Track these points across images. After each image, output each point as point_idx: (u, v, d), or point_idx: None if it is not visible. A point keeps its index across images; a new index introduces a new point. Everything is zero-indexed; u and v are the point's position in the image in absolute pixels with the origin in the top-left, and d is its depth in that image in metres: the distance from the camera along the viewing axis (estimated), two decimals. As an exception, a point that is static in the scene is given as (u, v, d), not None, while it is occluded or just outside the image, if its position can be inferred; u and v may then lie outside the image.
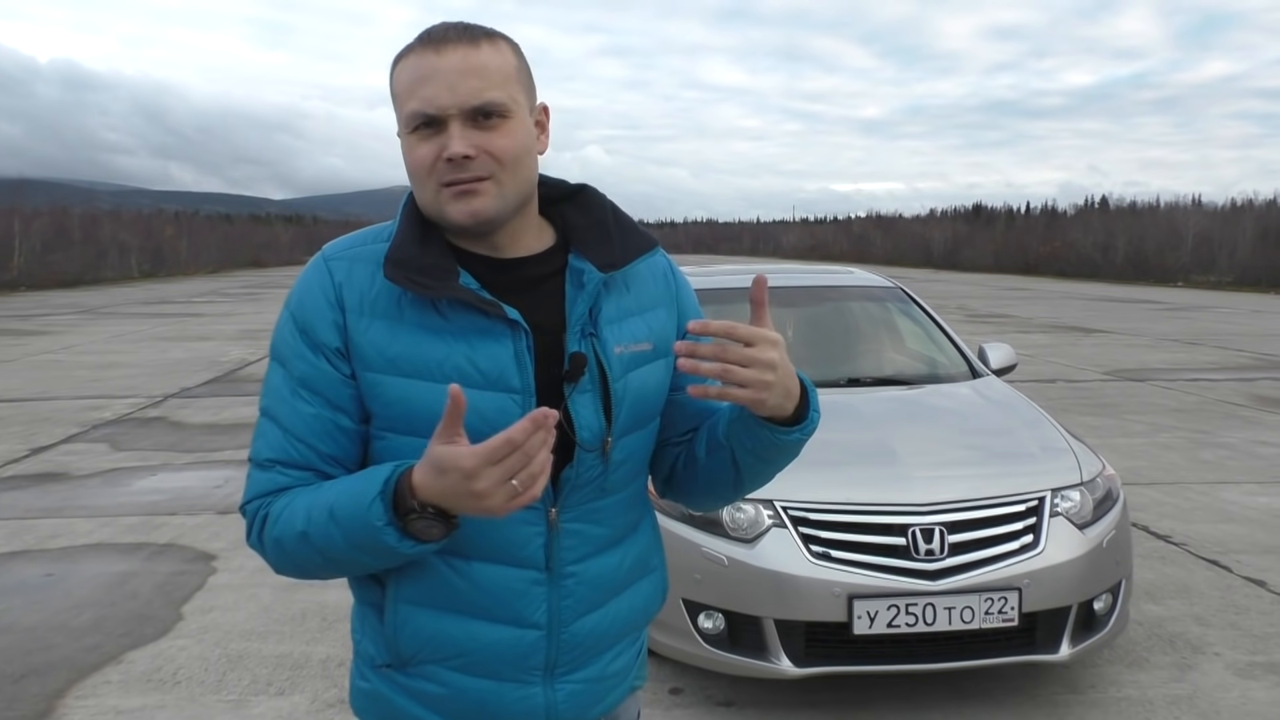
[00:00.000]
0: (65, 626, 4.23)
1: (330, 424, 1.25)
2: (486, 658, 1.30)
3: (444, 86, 1.21)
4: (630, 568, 1.40)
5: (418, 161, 1.24)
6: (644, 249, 1.38)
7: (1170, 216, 47.44)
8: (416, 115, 1.22)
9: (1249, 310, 23.81)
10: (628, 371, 1.32)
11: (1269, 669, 3.76)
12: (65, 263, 36.91)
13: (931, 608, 3.11)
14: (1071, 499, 3.41)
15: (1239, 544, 5.32)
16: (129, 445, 7.98)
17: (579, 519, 1.31)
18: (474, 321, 1.24)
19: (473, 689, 1.31)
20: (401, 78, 1.25)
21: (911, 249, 67.39)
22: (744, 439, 1.32)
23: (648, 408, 1.37)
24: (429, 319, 1.25)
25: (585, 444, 1.28)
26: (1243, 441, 8.03)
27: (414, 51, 1.24)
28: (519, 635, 1.30)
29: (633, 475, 1.38)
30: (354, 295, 1.26)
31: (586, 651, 1.36)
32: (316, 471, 1.25)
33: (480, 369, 1.24)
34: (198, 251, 53.56)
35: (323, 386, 1.25)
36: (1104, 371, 12.24)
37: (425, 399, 1.23)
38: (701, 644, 3.31)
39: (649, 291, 1.40)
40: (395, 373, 1.24)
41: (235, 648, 4.00)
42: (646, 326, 1.37)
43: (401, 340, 1.24)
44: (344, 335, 1.25)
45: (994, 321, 20.07)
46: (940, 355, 4.89)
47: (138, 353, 14.42)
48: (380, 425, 1.27)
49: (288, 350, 1.27)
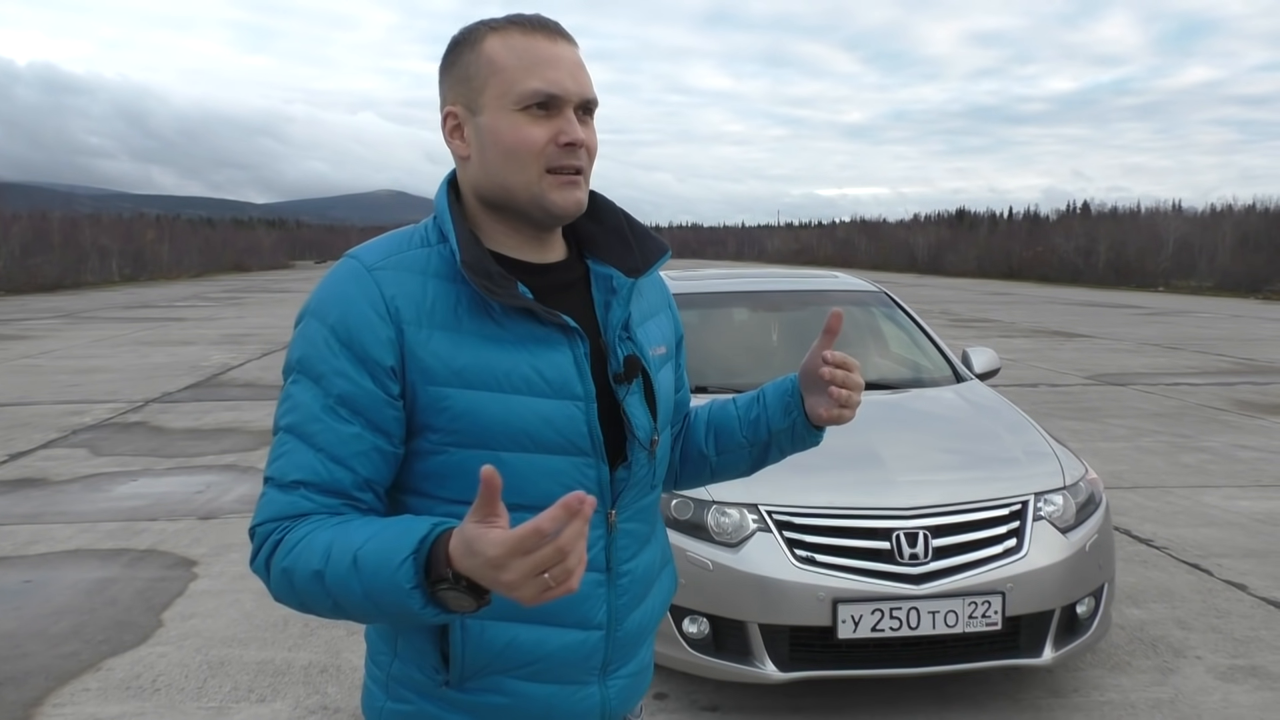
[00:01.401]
0: (43, 633, 4.18)
1: (371, 446, 1.20)
2: (554, 663, 1.31)
3: (567, 73, 1.23)
4: (660, 560, 1.47)
5: (529, 141, 1.22)
6: (660, 253, 1.40)
7: (1151, 222, 47.78)
8: (537, 94, 1.21)
9: (1229, 315, 24.00)
10: (658, 371, 1.38)
11: (1250, 672, 3.77)
12: (45, 267, 36.61)
13: (915, 612, 3.11)
14: (1054, 503, 3.42)
15: (1220, 548, 5.35)
16: (109, 450, 7.91)
17: (632, 518, 1.36)
18: (531, 330, 1.24)
19: (537, 695, 1.31)
20: (507, 54, 1.23)
21: (896, 254, 67.66)
22: (788, 445, 1.51)
23: (671, 405, 1.44)
24: (487, 328, 1.23)
25: (641, 442, 1.32)
26: (1223, 446, 8.09)
27: (519, 32, 1.24)
28: (584, 637, 1.32)
29: (665, 470, 1.46)
30: (410, 307, 1.21)
31: (633, 645, 1.40)
32: (347, 498, 1.19)
33: (546, 378, 1.24)
34: (179, 256, 53.24)
35: (365, 406, 1.19)
36: (1086, 376, 12.31)
37: (494, 410, 1.22)
38: (686, 649, 3.31)
39: (654, 298, 1.46)
40: (462, 385, 1.21)
41: (216, 654, 3.97)
42: (660, 331, 1.44)
43: (466, 351, 1.22)
44: (399, 351, 1.20)
45: (977, 326, 20.16)
46: (924, 359, 4.90)
47: (118, 357, 14.31)
48: (444, 440, 1.23)
49: (325, 366, 1.20)
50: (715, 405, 1.59)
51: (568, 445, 1.26)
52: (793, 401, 1.46)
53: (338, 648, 4.03)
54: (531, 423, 1.23)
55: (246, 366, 13.31)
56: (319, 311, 1.22)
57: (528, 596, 0.99)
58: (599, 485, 1.29)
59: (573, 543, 0.96)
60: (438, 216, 1.30)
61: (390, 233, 1.31)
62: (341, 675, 3.76)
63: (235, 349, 15.57)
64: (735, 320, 5.27)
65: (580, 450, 1.26)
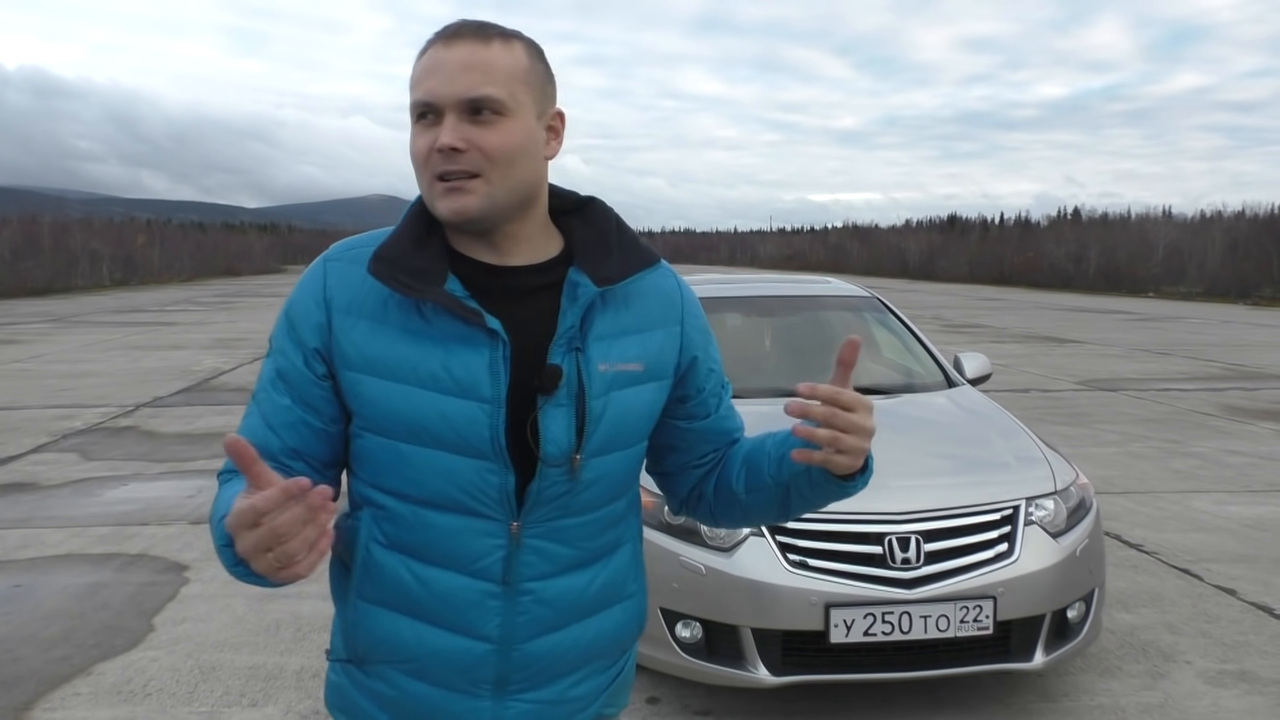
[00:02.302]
0: (34, 638, 4.17)
1: (298, 418, 1.28)
2: (434, 664, 1.31)
3: (444, 79, 1.22)
4: (599, 592, 1.37)
5: (416, 152, 1.25)
6: (643, 265, 1.34)
7: (1141, 228, 47.97)
8: (417, 105, 1.24)
9: (1219, 321, 24.11)
10: (610, 390, 1.30)
11: (1239, 677, 3.79)
12: (35, 271, 36.48)
13: (907, 616, 3.12)
14: (1045, 508, 3.44)
15: (1210, 553, 5.38)
16: (100, 455, 7.88)
17: (542, 536, 1.30)
18: (455, 328, 1.24)
19: (421, 694, 1.32)
20: (415, 70, 1.26)
21: (888, 259, 67.80)
22: (807, 492, 1.36)
23: (630, 430, 1.34)
24: (412, 322, 1.25)
25: (550, 459, 1.26)
26: (1213, 451, 8.12)
27: (430, 45, 1.26)
28: (469, 646, 1.30)
29: (607, 497, 1.35)
30: (343, 295, 1.28)
31: (543, 672, 1.34)
32: (276, 462, 1.26)
33: (453, 376, 1.24)
34: (170, 260, 53.08)
35: (295, 382, 1.28)
36: (1077, 381, 12.35)
37: (396, 401, 1.24)
38: (679, 653, 3.31)
39: (650, 311, 1.37)
40: (372, 373, 1.25)
41: (207, 659, 3.96)
42: (641, 346, 1.34)
43: (382, 341, 1.25)
44: (326, 336, 1.27)
45: (969, 331, 20.21)
46: (916, 365, 4.92)
47: (109, 361, 14.26)
48: (362, 425, 1.29)
49: (276, 344, 1.32)
50: (756, 440, 1.45)
51: (466, 446, 1.24)
52: None
53: (330, 652, 4.02)
54: (430, 418, 1.24)
55: (238, 371, 13.28)
56: (289, 296, 1.34)
57: (261, 570, 1.03)
58: (502, 493, 1.26)
59: (288, 527, 0.99)
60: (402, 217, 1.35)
61: (373, 231, 1.36)
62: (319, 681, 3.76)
63: (226, 353, 15.53)
64: (728, 326, 5.29)
65: (479, 454, 1.25)
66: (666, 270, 1.42)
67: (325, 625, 4.30)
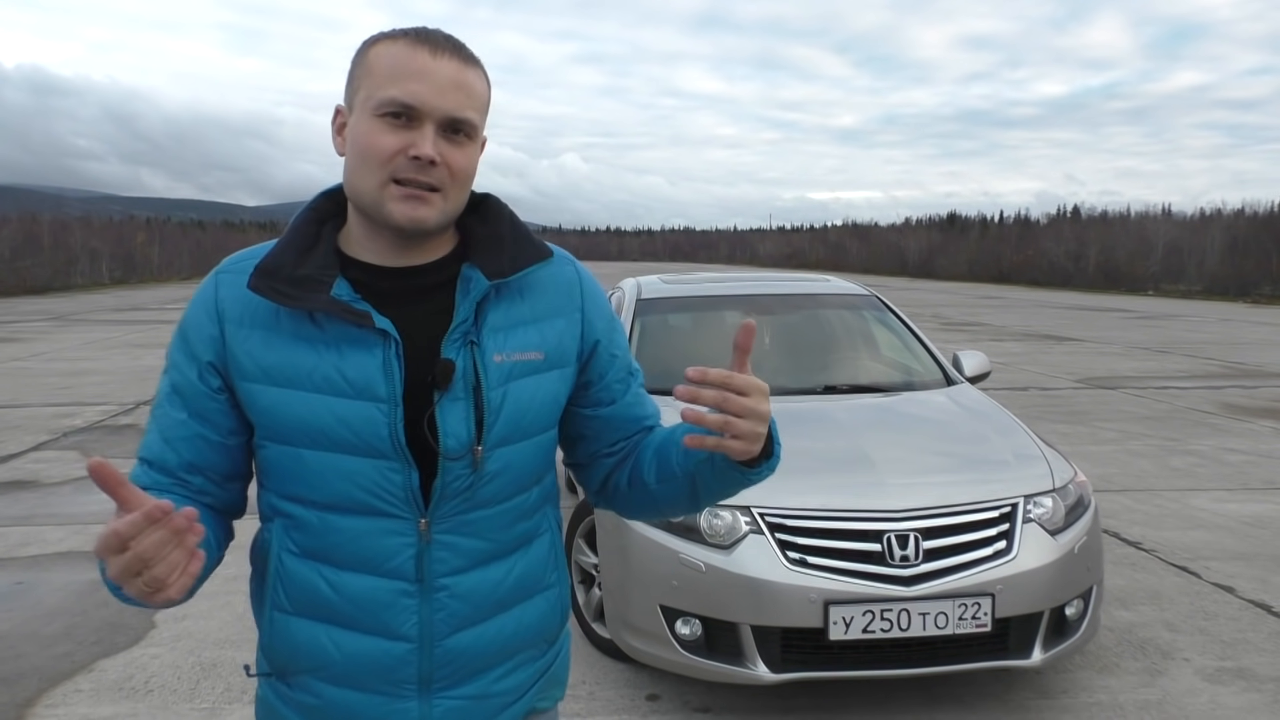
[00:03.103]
0: (35, 635, 4.18)
1: (194, 433, 1.28)
2: (354, 669, 1.30)
3: (433, 88, 1.21)
4: (515, 584, 1.37)
5: (378, 147, 1.22)
6: (535, 259, 1.35)
7: (1141, 226, 47.97)
8: (394, 103, 1.21)
9: (1217, 319, 24.12)
10: (508, 381, 1.30)
11: (1237, 674, 3.81)
12: (35, 269, 36.45)
13: (906, 613, 3.13)
14: (1044, 505, 3.45)
15: (1208, 550, 5.39)
16: (100, 452, 7.89)
17: (451, 531, 1.29)
18: (346, 331, 1.25)
19: (344, 701, 1.31)
20: (382, 61, 1.23)
21: (887, 257, 67.81)
22: (711, 480, 1.32)
23: (532, 419, 1.33)
24: (304, 329, 1.25)
25: (450, 453, 1.26)
26: (1212, 449, 8.14)
27: (403, 42, 1.23)
28: (388, 647, 1.29)
29: (517, 488, 1.34)
30: (235, 307, 1.27)
31: (466, 667, 1.33)
32: (174, 477, 1.28)
33: (348, 378, 1.24)
34: (170, 258, 53.05)
35: (190, 396, 1.28)
36: (1076, 379, 12.36)
37: (293, 408, 1.24)
38: (679, 650, 3.32)
39: (547, 301, 1.37)
40: (268, 382, 1.25)
41: (209, 656, 3.97)
42: (539, 335, 1.34)
43: (276, 350, 1.25)
44: (220, 348, 1.27)
45: (968, 329, 20.22)
46: (915, 363, 4.93)
47: (109, 360, 14.27)
48: (260, 435, 1.29)
49: (170, 359, 1.31)
50: (669, 430, 1.42)
51: (365, 447, 1.24)
52: None
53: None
54: (327, 421, 1.24)
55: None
56: (184, 312, 1.33)
57: (133, 594, 1.03)
58: (407, 491, 1.26)
59: (154, 551, 0.98)
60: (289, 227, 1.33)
61: (266, 242, 1.34)
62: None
63: (226, 351, 15.53)
64: (727, 324, 5.30)
65: (380, 453, 1.25)
66: (563, 259, 1.42)
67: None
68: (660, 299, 5.25)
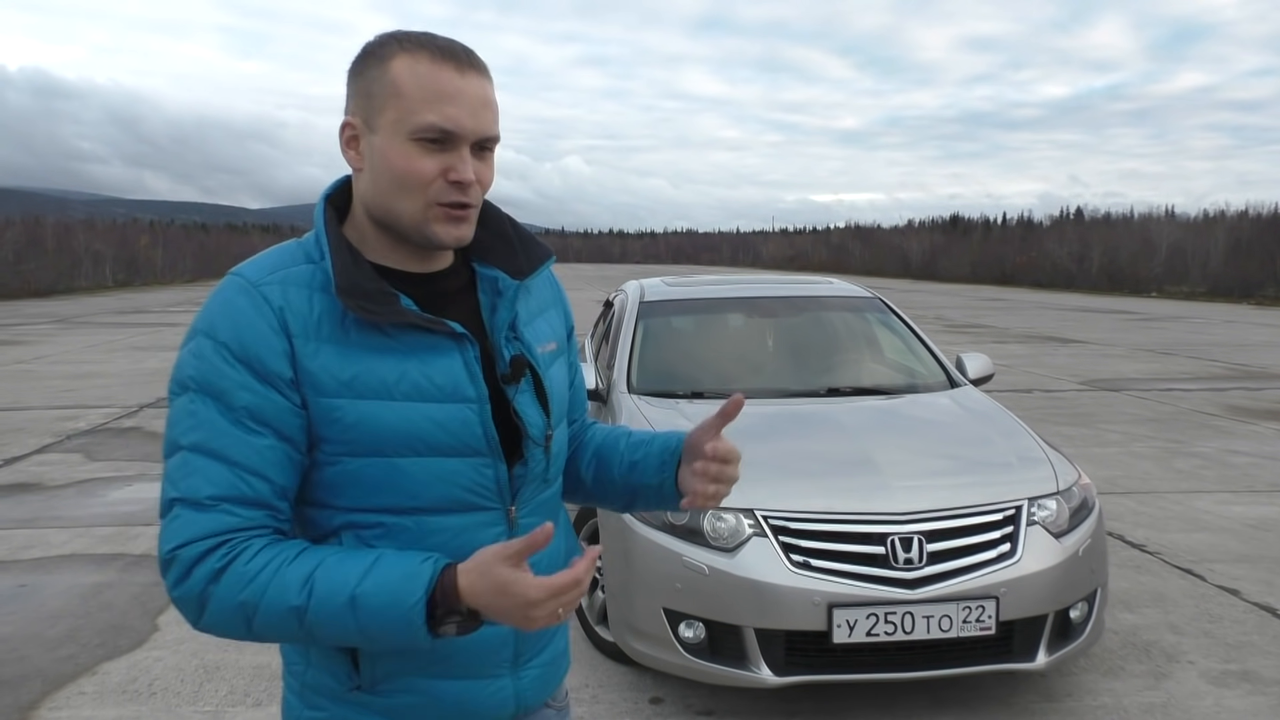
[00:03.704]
0: (39, 638, 4.18)
1: (284, 455, 1.22)
2: (463, 658, 1.34)
3: (468, 111, 1.23)
4: (564, 553, 1.48)
5: (419, 172, 1.23)
6: (544, 258, 1.45)
7: (1144, 227, 47.91)
8: (432, 128, 1.21)
9: (1221, 321, 24.09)
10: (548, 368, 1.41)
11: (1242, 677, 3.80)
12: (39, 272, 36.52)
13: (910, 616, 3.13)
14: (1048, 508, 3.44)
15: (1213, 553, 5.38)
16: (104, 455, 7.90)
17: (532, 513, 1.38)
18: (420, 338, 1.27)
19: (449, 691, 1.35)
20: (409, 80, 1.22)
21: (890, 259, 67.78)
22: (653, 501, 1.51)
23: (564, 401, 1.48)
24: (374, 339, 1.25)
25: (535, 439, 1.35)
26: (1216, 451, 8.12)
27: (428, 59, 1.23)
28: (493, 631, 1.32)
29: (562, 465, 1.49)
30: (297, 321, 1.23)
31: (542, 636, 1.44)
32: (268, 508, 1.20)
33: (436, 383, 1.27)
34: (173, 261, 53.14)
35: (272, 416, 1.20)
36: (1079, 381, 12.35)
37: (387, 418, 1.24)
38: (682, 653, 3.32)
39: (544, 296, 1.49)
40: (352, 395, 1.23)
41: (212, 659, 3.97)
42: (549, 326, 1.47)
43: (354, 363, 1.24)
44: (293, 363, 1.22)
45: (971, 331, 20.21)
46: (918, 365, 4.92)
47: (113, 362, 14.29)
48: (338, 450, 1.25)
49: (225, 382, 1.19)
50: (608, 434, 1.58)
51: (462, 447, 1.28)
52: (669, 462, 1.46)
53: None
54: (424, 427, 1.25)
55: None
56: (209, 329, 1.22)
57: (538, 623, 1.15)
58: (497, 483, 1.32)
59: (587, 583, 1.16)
60: (317, 235, 1.30)
61: (273, 248, 1.31)
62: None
63: (230, 354, 15.54)
64: (730, 326, 5.30)
65: (476, 451, 1.29)
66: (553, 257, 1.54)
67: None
68: (663, 301, 5.25)
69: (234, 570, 1.16)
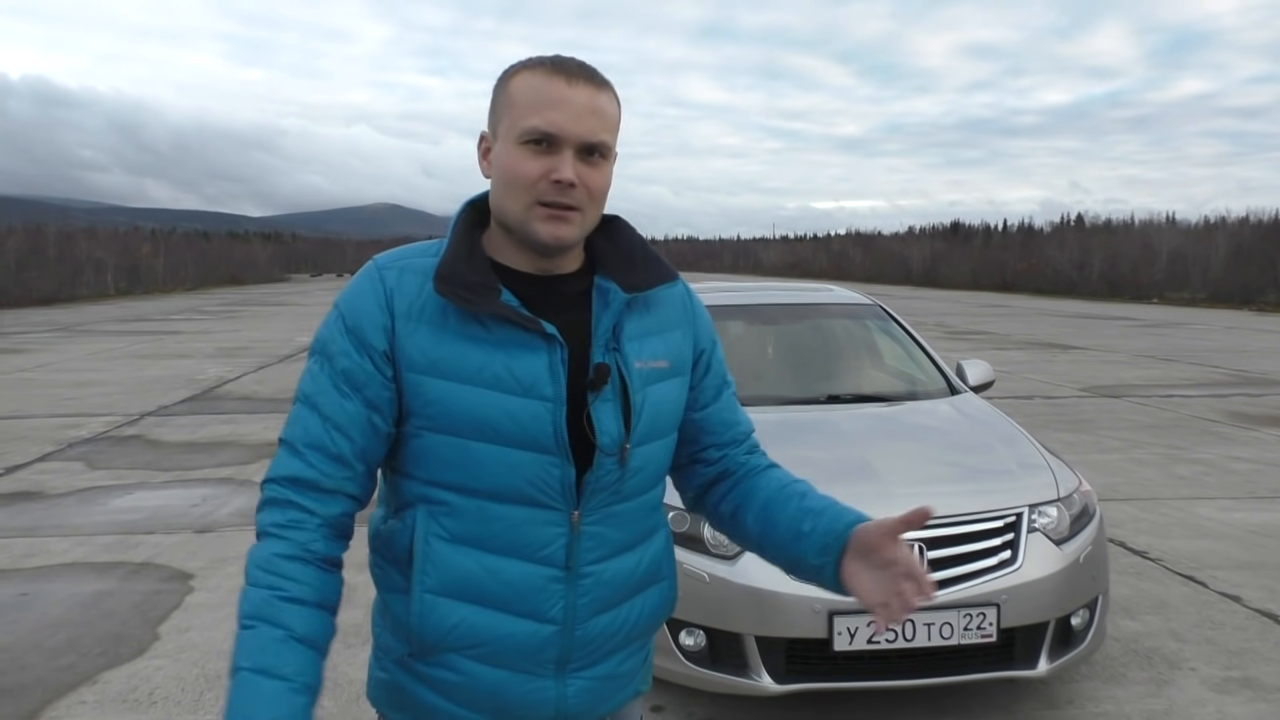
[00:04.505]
0: (39, 646, 4.18)
1: (366, 420, 1.34)
2: (503, 649, 1.38)
3: (570, 116, 1.32)
4: (644, 573, 1.49)
5: (524, 172, 1.33)
6: (665, 278, 1.49)
7: (1145, 234, 47.96)
8: (535, 131, 1.32)
9: (1223, 327, 24.08)
10: (647, 385, 1.43)
11: (1244, 684, 3.79)
12: (40, 280, 36.59)
13: (911, 624, 3.12)
14: (1049, 515, 3.44)
15: (1214, 559, 5.37)
16: (105, 464, 7.90)
17: (598, 522, 1.41)
18: (513, 334, 1.35)
19: (488, 678, 1.39)
20: (523, 91, 1.34)
21: (890, 266, 67.84)
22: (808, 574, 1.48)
23: (664, 420, 1.47)
24: (471, 329, 1.35)
25: (605, 449, 1.38)
26: (1217, 457, 8.12)
27: (541, 72, 1.34)
28: (536, 629, 1.38)
29: (649, 483, 1.48)
30: (404, 302, 1.36)
31: (598, 650, 1.44)
32: (346, 465, 1.34)
33: (517, 377, 1.34)
34: (175, 269, 53.25)
35: (363, 383, 1.34)
36: (1080, 388, 12.34)
37: (464, 400, 1.33)
38: (683, 661, 3.31)
39: (668, 315, 1.51)
40: (436, 375, 1.34)
41: (213, 667, 3.97)
42: (664, 345, 1.48)
43: (444, 345, 1.34)
44: (391, 339, 1.35)
45: (972, 338, 20.21)
46: (919, 372, 4.92)
47: (114, 370, 14.30)
48: (421, 424, 1.36)
49: (334, 347, 1.36)
50: (781, 489, 1.53)
51: (531, 441, 1.34)
52: (832, 547, 1.40)
53: (333, 661, 4.03)
54: (496, 416, 1.33)
55: (242, 380, 13.31)
56: (340, 303, 1.39)
57: None
58: (562, 484, 1.36)
59: None
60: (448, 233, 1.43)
61: (416, 243, 1.45)
62: (338, 689, 3.76)
63: (231, 362, 15.57)
64: (730, 334, 5.30)
65: (544, 448, 1.35)
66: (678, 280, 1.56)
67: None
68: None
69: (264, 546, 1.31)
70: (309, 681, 1.25)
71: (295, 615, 1.27)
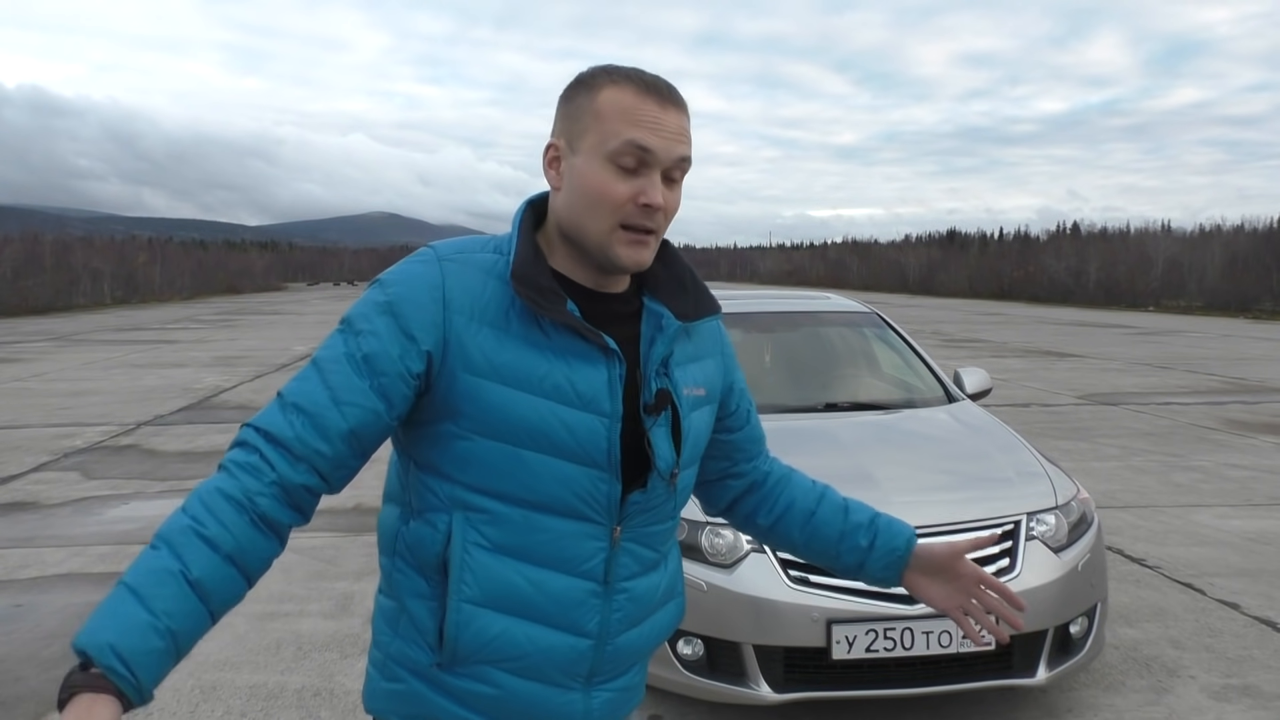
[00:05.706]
0: (35, 658, 4.16)
1: (369, 405, 1.28)
2: (540, 662, 1.37)
3: (664, 139, 1.31)
4: (665, 590, 1.52)
5: (613, 194, 1.31)
6: (713, 310, 1.50)
7: (1141, 242, 48.08)
8: (632, 151, 1.30)
9: (1219, 334, 24.12)
10: (691, 411, 1.45)
11: (1243, 691, 3.78)
12: (36, 289, 36.56)
13: (909, 632, 3.12)
14: (1046, 523, 3.43)
15: (1212, 567, 5.37)
16: (101, 474, 7.88)
17: (636, 540, 1.42)
18: (574, 344, 1.33)
19: (522, 691, 1.38)
20: (614, 106, 1.31)
21: (887, 274, 67.95)
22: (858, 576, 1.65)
23: (702, 446, 1.51)
24: (533, 334, 1.32)
25: (661, 472, 1.39)
26: (1214, 465, 8.12)
27: (632, 90, 1.32)
28: (574, 643, 1.38)
29: (683, 505, 1.51)
30: (465, 299, 1.31)
31: (623, 662, 1.45)
32: (327, 438, 1.26)
33: (577, 389, 1.33)
34: (171, 278, 53.23)
35: (382, 370, 1.28)
36: (1077, 395, 12.35)
37: (522, 408, 1.31)
38: (680, 670, 3.30)
39: (704, 344, 1.53)
40: (498, 379, 1.30)
41: (209, 678, 3.95)
42: (703, 373, 1.50)
43: (508, 350, 1.31)
44: (441, 336, 1.30)
45: (969, 346, 20.23)
46: (916, 380, 4.92)
47: (110, 380, 14.28)
48: (471, 427, 1.31)
49: (366, 325, 1.30)
50: (821, 500, 1.66)
51: (584, 456, 1.33)
52: (895, 565, 1.60)
53: (330, 671, 4.02)
54: (553, 426, 1.31)
55: (239, 389, 13.29)
56: (386, 281, 1.34)
57: None
58: (608, 500, 1.36)
59: None
60: (512, 233, 1.39)
61: (472, 236, 1.42)
62: (335, 699, 3.75)
63: (228, 371, 15.54)
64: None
65: (596, 463, 1.34)
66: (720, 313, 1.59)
67: (326, 644, 4.29)
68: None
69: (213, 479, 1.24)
70: (174, 627, 1.13)
71: (200, 556, 1.17)
